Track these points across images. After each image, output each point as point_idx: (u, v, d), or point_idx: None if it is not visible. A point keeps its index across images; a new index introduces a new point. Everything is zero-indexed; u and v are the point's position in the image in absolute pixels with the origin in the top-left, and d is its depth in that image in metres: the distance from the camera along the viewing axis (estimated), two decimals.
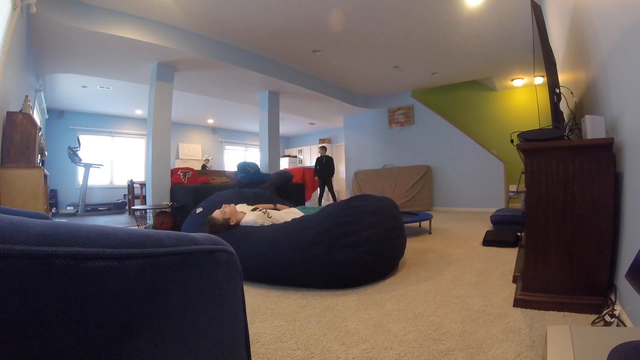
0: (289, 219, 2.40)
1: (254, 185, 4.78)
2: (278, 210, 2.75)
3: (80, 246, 0.35)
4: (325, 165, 7.49)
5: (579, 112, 2.06)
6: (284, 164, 11.83)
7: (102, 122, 8.79)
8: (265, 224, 2.41)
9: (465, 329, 1.43)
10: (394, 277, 2.27)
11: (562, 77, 2.41)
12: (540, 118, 2.81)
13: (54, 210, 7.39)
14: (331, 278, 2.01)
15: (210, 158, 9.90)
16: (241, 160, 6.91)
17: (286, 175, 5.09)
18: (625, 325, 1.27)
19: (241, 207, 2.66)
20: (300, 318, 1.63)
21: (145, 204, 5.57)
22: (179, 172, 5.05)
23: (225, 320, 0.55)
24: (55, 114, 7.99)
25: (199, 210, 2.96)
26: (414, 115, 7.67)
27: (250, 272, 2.17)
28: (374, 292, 1.97)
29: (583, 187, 1.52)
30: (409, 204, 7.17)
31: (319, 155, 7.69)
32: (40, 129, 3.23)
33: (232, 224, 2.43)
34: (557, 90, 1.75)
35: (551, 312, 1.55)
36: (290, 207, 3.03)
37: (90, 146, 8.52)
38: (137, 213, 5.55)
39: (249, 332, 0.68)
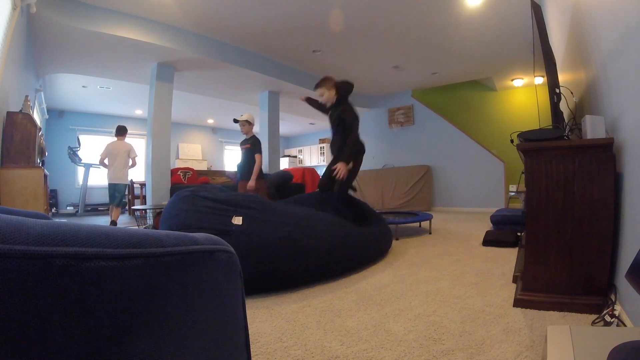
0: None
1: None
2: None
3: (80, 246, 0.35)
4: None
5: (579, 112, 2.06)
6: (284, 164, 11.83)
7: (102, 122, 8.78)
8: None
9: (465, 329, 1.43)
10: (394, 277, 2.27)
11: (562, 77, 2.40)
12: (540, 118, 2.81)
13: (54, 210, 7.39)
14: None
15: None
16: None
17: (286, 175, 5.09)
18: (625, 325, 1.27)
19: None
20: (300, 318, 1.63)
21: (145, 204, 5.57)
22: (179, 172, 5.06)
23: (225, 320, 0.55)
24: (55, 114, 7.98)
25: None
26: (414, 115, 7.66)
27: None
28: (374, 292, 1.97)
29: (583, 187, 1.52)
30: (409, 204, 7.17)
31: None
32: (40, 129, 3.23)
33: None
34: (557, 90, 1.75)
35: (551, 312, 1.55)
36: None
37: (91, 146, 8.51)
38: (137, 213, 5.55)
39: (249, 332, 0.68)
